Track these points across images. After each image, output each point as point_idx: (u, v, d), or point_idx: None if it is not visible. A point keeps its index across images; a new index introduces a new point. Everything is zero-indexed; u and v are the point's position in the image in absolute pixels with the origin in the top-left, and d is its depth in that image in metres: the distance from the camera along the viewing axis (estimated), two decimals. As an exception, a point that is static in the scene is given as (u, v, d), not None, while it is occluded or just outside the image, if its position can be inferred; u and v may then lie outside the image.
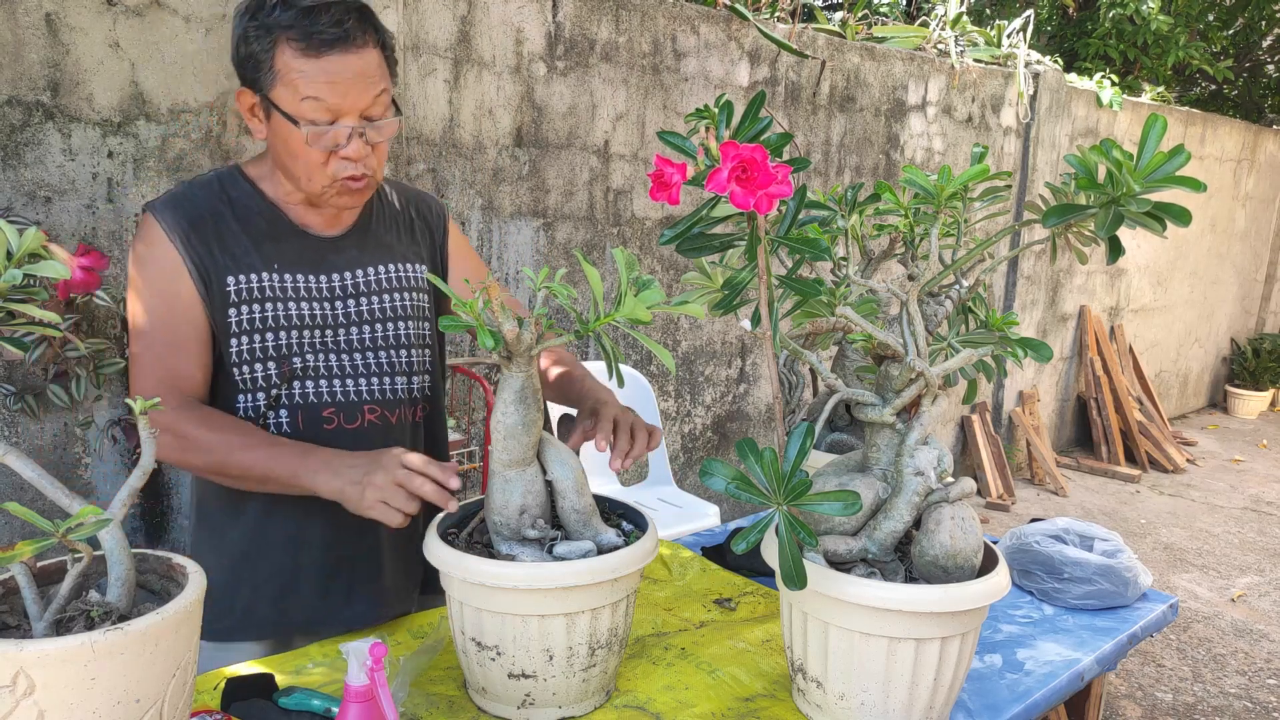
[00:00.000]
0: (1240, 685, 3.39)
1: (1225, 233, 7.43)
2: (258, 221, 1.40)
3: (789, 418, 1.80)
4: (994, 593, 1.18)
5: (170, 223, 1.34)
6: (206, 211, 1.37)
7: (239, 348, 1.37)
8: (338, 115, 1.29)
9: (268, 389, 1.39)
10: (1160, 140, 1.04)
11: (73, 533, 0.86)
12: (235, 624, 1.44)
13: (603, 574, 1.17)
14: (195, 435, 1.31)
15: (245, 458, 1.30)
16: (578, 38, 3.26)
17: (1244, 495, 5.61)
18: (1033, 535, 1.86)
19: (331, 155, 1.31)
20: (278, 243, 1.40)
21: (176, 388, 1.34)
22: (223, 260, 1.36)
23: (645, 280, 1.14)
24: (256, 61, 1.28)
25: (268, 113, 1.31)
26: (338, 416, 1.42)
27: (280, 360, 1.39)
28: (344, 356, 1.43)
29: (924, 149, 4.76)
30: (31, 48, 2.21)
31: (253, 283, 1.37)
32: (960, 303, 1.31)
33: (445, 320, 1.14)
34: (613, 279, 3.42)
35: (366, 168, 1.34)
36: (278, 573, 1.44)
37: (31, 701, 0.81)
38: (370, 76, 1.29)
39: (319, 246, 1.44)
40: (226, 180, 1.42)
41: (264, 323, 1.38)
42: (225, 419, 1.34)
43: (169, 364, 1.34)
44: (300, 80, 1.26)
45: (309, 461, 1.28)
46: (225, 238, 1.37)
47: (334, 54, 1.25)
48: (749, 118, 1.08)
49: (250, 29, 1.27)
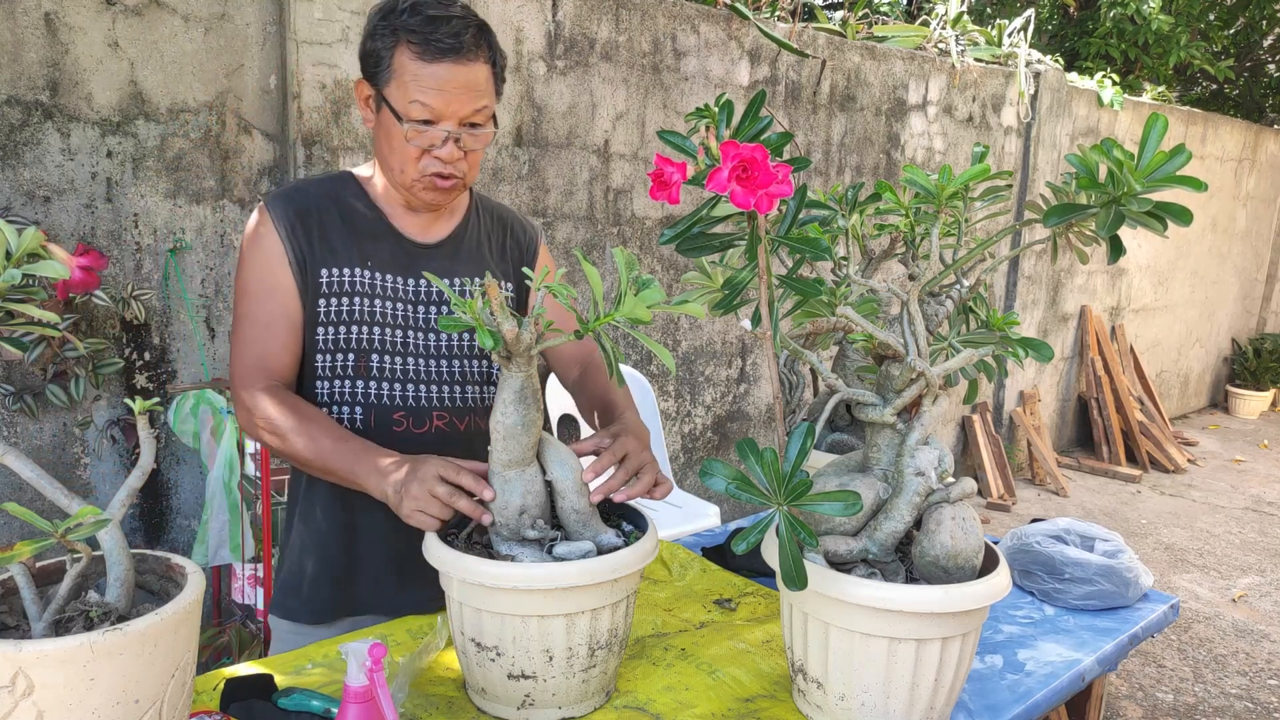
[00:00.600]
0: (1241, 686, 3.39)
1: (1226, 232, 7.42)
2: (359, 220, 1.49)
3: (789, 418, 1.80)
4: (995, 593, 1.18)
5: (279, 213, 1.45)
6: (314, 206, 1.47)
7: (324, 336, 1.46)
8: (439, 119, 1.37)
9: (344, 378, 1.46)
10: (1161, 140, 1.04)
11: (72, 533, 0.85)
12: (300, 604, 1.53)
13: (602, 574, 1.17)
14: (272, 417, 1.39)
15: (311, 446, 1.37)
16: (577, 37, 3.26)
17: (1245, 495, 5.60)
18: (1033, 535, 1.86)
19: (425, 153, 1.39)
20: (375, 242, 1.49)
21: (266, 369, 1.43)
22: (320, 252, 1.45)
23: (645, 280, 1.14)
24: (378, 57, 1.37)
25: (378, 106, 1.41)
26: (407, 420, 1.48)
27: (359, 354, 1.46)
28: (419, 361, 1.49)
29: (925, 148, 4.76)
30: (31, 47, 2.20)
31: (344, 276, 1.46)
32: (961, 302, 1.31)
33: (444, 320, 1.14)
34: (613, 279, 3.41)
35: (456, 170, 1.42)
36: (337, 559, 1.51)
37: (31, 702, 0.81)
38: (476, 89, 1.38)
39: (413, 251, 1.51)
40: (339, 180, 1.52)
41: (349, 315, 1.46)
42: (303, 407, 1.41)
43: (262, 346, 1.44)
44: (412, 82, 1.35)
45: (364, 463, 1.34)
46: (327, 231, 1.46)
47: (446, 62, 1.34)
48: (749, 117, 1.08)
49: (379, 27, 1.37)
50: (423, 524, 1.25)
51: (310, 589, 1.52)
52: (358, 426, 1.46)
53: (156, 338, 2.50)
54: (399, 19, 1.35)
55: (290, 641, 1.52)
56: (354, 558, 1.52)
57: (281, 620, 1.54)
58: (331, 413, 1.46)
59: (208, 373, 2.59)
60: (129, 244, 2.42)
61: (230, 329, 1.47)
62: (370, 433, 1.46)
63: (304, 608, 1.53)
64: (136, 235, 2.43)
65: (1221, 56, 8.16)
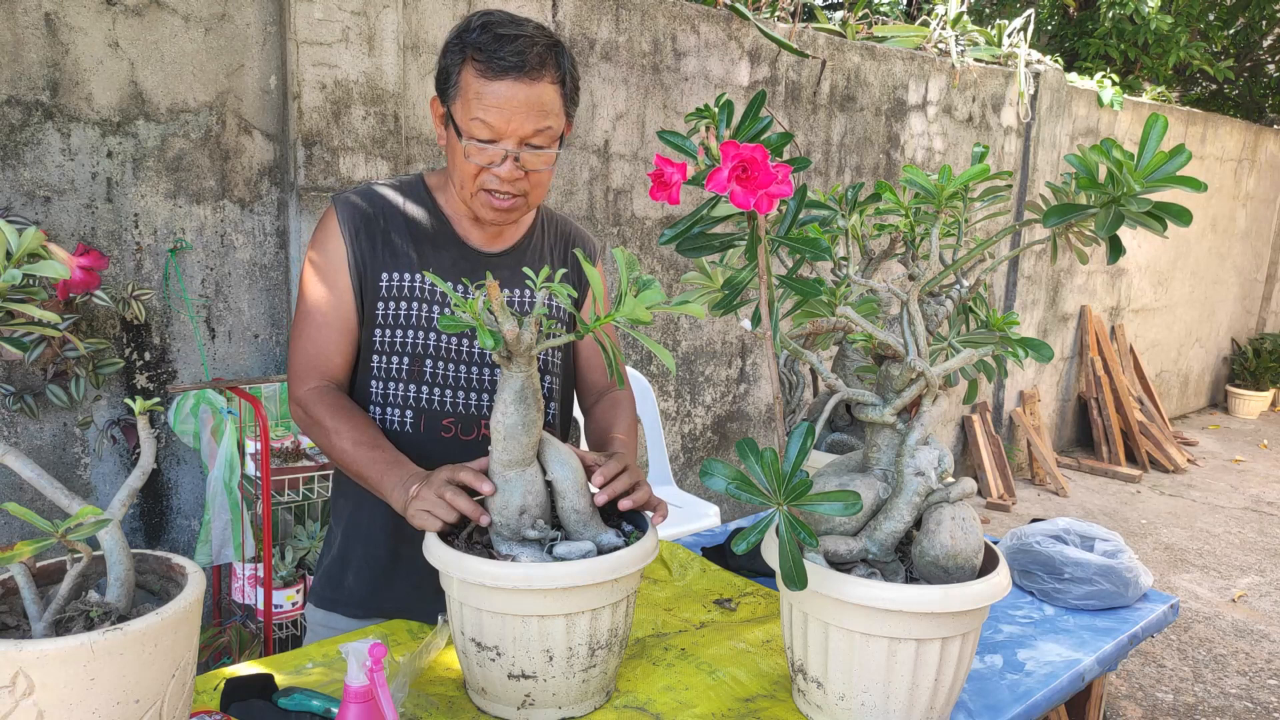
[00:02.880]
0: (1241, 685, 3.39)
1: (1226, 232, 7.43)
2: (424, 227, 1.50)
3: (789, 418, 1.80)
4: (994, 593, 1.18)
5: (345, 217, 1.47)
6: (381, 211, 1.49)
7: (381, 338, 1.48)
8: (499, 137, 1.36)
9: (397, 380, 1.48)
10: (1161, 140, 1.04)
11: (72, 533, 0.85)
12: (341, 597, 1.55)
13: (602, 574, 1.17)
14: (318, 417, 1.43)
15: (348, 453, 1.40)
16: (578, 37, 3.26)
17: (1245, 495, 5.60)
18: (1033, 535, 1.86)
19: (484, 170, 1.39)
20: (437, 249, 1.50)
21: (318, 368, 1.47)
22: (383, 256, 1.47)
23: (645, 280, 1.14)
24: (447, 74, 1.39)
25: (446, 120, 1.42)
26: (456, 427, 1.50)
27: (414, 358, 1.48)
28: (472, 369, 1.50)
29: (924, 149, 4.76)
30: (31, 47, 2.20)
31: (404, 281, 1.48)
32: (961, 302, 1.31)
33: (444, 320, 1.14)
34: (613, 279, 3.42)
35: (515, 189, 1.40)
36: (381, 558, 1.53)
37: (31, 702, 0.81)
38: (540, 108, 1.36)
39: (475, 259, 1.52)
40: (408, 186, 1.53)
41: (408, 320, 1.48)
42: (349, 410, 1.44)
43: (317, 345, 1.47)
44: (474, 100, 1.35)
45: (390, 476, 1.35)
46: (391, 235, 1.48)
47: (508, 80, 1.33)
48: (749, 117, 1.08)
49: (451, 44, 1.39)
50: (425, 524, 1.26)
51: (353, 582, 1.54)
52: (407, 430, 1.48)
53: (156, 338, 2.50)
54: (470, 36, 1.36)
55: (324, 633, 1.54)
56: (397, 558, 1.53)
57: (318, 610, 1.57)
58: (383, 414, 1.49)
59: (208, 373, 2.59)
60: (129, 244, 2.42)
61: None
62: (419, 436, 1.48)
63: (343, 600, 1.54)
64: (136, 235, 2.43)
65: (1221, 56, 8.16)
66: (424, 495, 1.26)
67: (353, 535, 1.55)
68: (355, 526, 1.55)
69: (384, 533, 1.52)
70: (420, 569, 1.50)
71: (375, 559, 1.53)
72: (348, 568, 1.55)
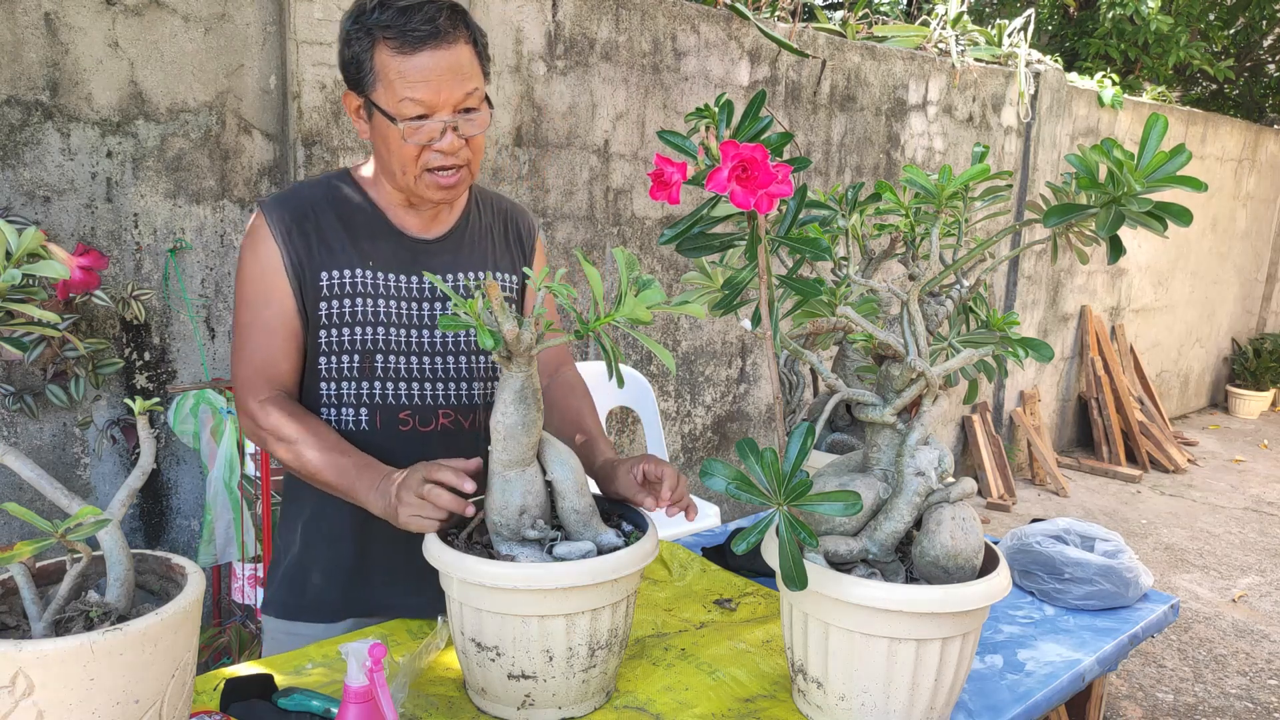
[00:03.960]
0: (1241, 686, 3.39)
1: (1226, 232, 7.42)
2: (358, 219, 1.46)
3: (789, 418, 1.80)
4: (995, 593, 1.18)
5: (275, 219, 1.42)
6: (310, 208, 1.44)
7: (326, 339, 1.44)
8: (432, 110, 1.33)
9: (348, 379, 1.45)
10: (1161, 140, 1.04)
11: (72, 533, 0.85)
12: (306, 604, 1.51)
13: (602, 575, 1.17)
14: (276, 428, 1.39)
15: (313, 462, 1.37)
16: (577, 37, 3.26)
17: (1245, 495, 5.60)
18: (1033, 536, 1.86)
19: (425, 149, 1.36)
20: (375, 241, 1.46)
21: (268, 376, 1.43)
22: (320, 255, 1.43)
23: (645, 280, 1.14)
24: (358, 63, 1.34)
25: (370, 113, 1.37)
26: (413, 419, 1.47)
27: (363, 355, 1.45)
28: (424, 359, 1.48)
29: (925, 148, 4.76)
30: (31, 47, 2.20)
31: (345, 278, 1.44)
32: (961, 302, 1.31)
33: (444, 320, 1.14)
34: (613, 279, 3.41)
35: (459, 159, 1.39)
36: (348, 559, 1.50)
37: (31, 702, 0.81)
38: (463, 72, 1.34)
39: (414, 248, 1.49)
40: (335, 180, 1.49)
41: (352, 317, 1.44)
42: (306, 419, 1.40)
43: (263, 354, 1.43)
44: (397, 79, 1.31)
45: (362, 481, 1.34)
46: (325, 233, 1.44)
47: (427, 50, 1.30)
48: (749, 117, 1.08)
49: (352, 32, 1.34)
50: (422, 527, 1.25)
51: (319, 588, 1.51)
52: (363, 428, 1.45)
53: (156, 338, 2.50)
54: (371, 18, 1.32)
55: (286, 642, 1.50)
56: (368, 556, 1.50)
57: (278, 620, 1.53)
58: (337, 415, 1.46)
59: (208, 373, 2.59)
60: (129, 244, 2.42)
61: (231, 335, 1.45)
62: (377, 433, 1.45)
63: (308, 607, 1.51)
64: (136, 235, 2.43)
65: (1221, 56, 8.16)
66: (406, 500, 1.25)
67: (314, 539, 1.51)
68: (316, 530, 1.51)
69: (350, 533, 1.49)
70: (392, 566, 1.50)
71: (342, 561, 1.50)
72: (310, 573, 1.51)
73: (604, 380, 3.33)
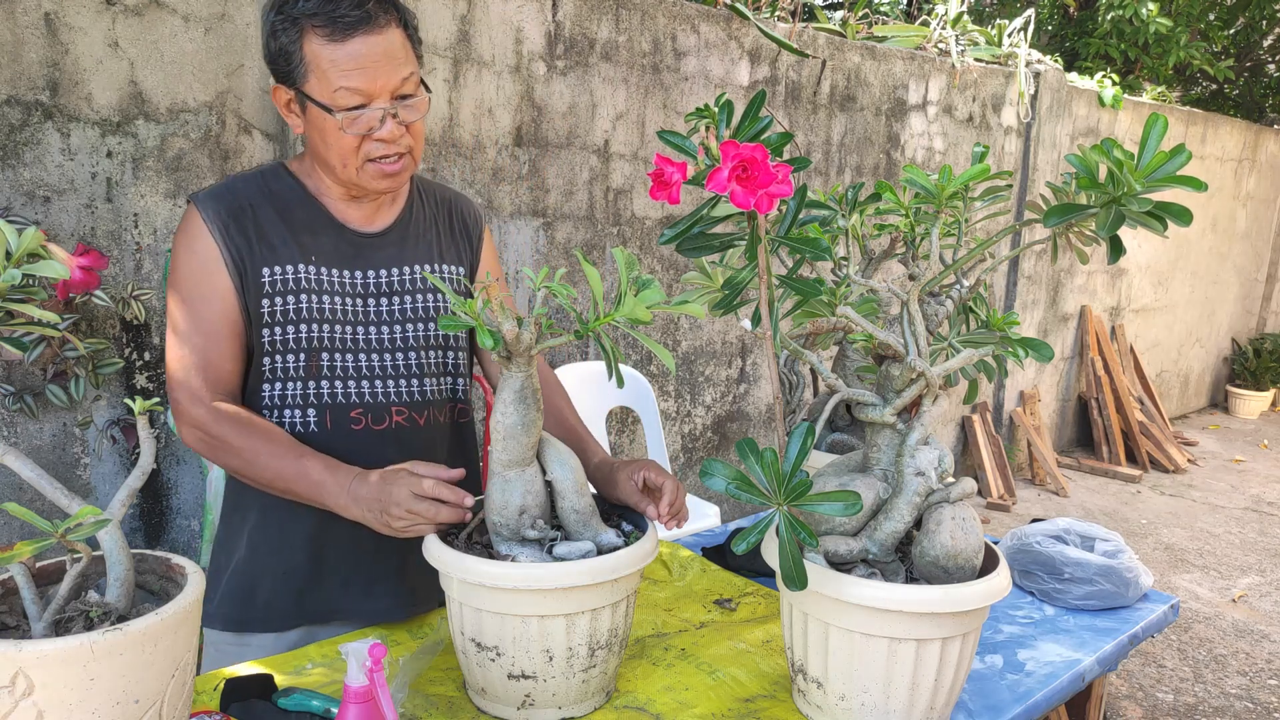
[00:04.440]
0: (1241, 686, 3.39)
1: (1226, 232, 7.42)
2: (298, 213, 1.41)
3: (789, 418, 1.80)
4: (995, 593, 1.18)
5: (211, 214, 1.36)
6: (247, 202, 1.39)
7: (270, 338, 1.39)
8: (369, 98, 1.30)
9: (294, 379, 1.40)
10: (1161, 140, 1.04)
11: (72, 533, 0.85)
12: (255, 615, 1.45)
13: (602, 574, 1.17)
14: (225, 437, 1.33)
15: (271, 468, 1.33)
16: (577, 37, 3.26)
17: (1245, 495, 5.60)
18: (1033, 535, 1.86)
19: (365, 139, 1.32)
20: (316, 236, 1.41)
21: (211, 381, 1.36)
22: (260, 251, 1.38)
23: (645, 280, 1.14)
24: (287, 55, 1.30)
25: (303, 106, 1.33)
26: (365, 417, 1.43)
27: (310, 353, 1.40)
28: (374, 356, 1.44)
29: (925, 148, 4.76)
30: (31, 47, 2.20)
31: (288, 274, 1.39)
32: (961, 302, 1.31)
33: (445, 320, 1.14)
34: (613, 279, 3.41)
35: (401, 147, 1.35)
36: (301, 565, 1.45)
37: (31, 702, 0.81)
38: (396, 56, 1.30)
39: (357, 242, 1.45)
40: (270, 174, 1.44)
41: (297, 314, 1.39)
42: (256, 424, 1.35)
43: (206, 357, 1.36)
44: (330, 68, 1.27)
45: (329, 484, 1.30)
46: (264, 228, 1.38)
47: (358, 36, 1.26)
48: (749, 117, 1.08)
49: (277, 23, 1.29)
50: (420, 533, 1.25)
51: (269, 596, 1.45)
52: (313, 429, 1.40)
53: (156, 338, 2.50)
54: (296, 7, 1.27)
55: (233, 654, 1.44)
56: (321, 562, 1.46)
57: (223, 633, 1.46)
58: (283, 416, 1.41)
59: (208, 373, 2.59)
60: (129, 244, 2.42)
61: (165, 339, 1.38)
62: (328, 434, 1.41)
63: (258, 617, 1.45)
64: (136, 235, 2.43)
65: (1221, 56, 8.16)
66: (399, 515, 1.23)
67: (261, 549, 1.45)
68: (263, 539, 1.45)
69: (302, 539, 1.44)
70: (346, 570, 1.46)
71: (294, 568, 1.44)
72: (259, 583, 1.45)
73: (604, 380, 3.34)
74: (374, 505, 1.26)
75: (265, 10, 1.32)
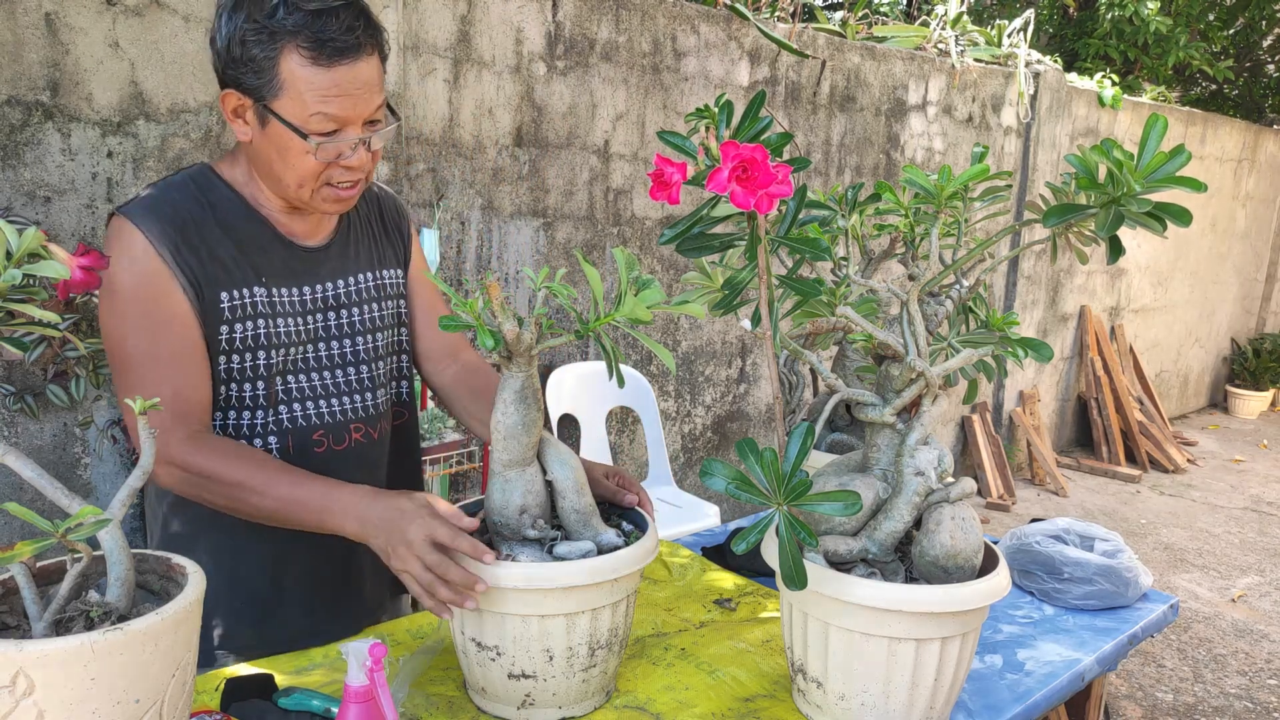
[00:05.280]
0: (1241, 685, 3.39)
1: (1226, 233, 7.43)
2: (243, 229, 1.33)
3: (789, 418, 1.80)
4: (994, 593, 1.18)
5: (156, 233, 1.25)
6: (189, 217, 1.29)
7: (228, 365, 1.32)
8: (344, 125, 1.24)
9: (253, 408, 1.35)
10: (1161, 140, 1.04)
11: (72, 533, 0.85)
12: (211, 648, 1.39)
13: (603, 574, 1.17)
14: (213, 472, 1.25)
15: (265, 501, 1.24)
16: (578, 37, 3.26)
17: (1244, 495, 5.60)
18: (1033, 535, 1.86)
19: (330, 165, 1.26)
20: (265, 254, 1.35)
21: (183, 412, 1.27)
22: (214, 271, 1.29)
23: (645, 280, 1.14)
24: (257, 67, 1.20)
25: (263, 119, 1.23)
26: (327, 439, 1.40)
27: (268, 380, 1.35)
28: (326, 374, 1.41)
29: (924, 149, 4.76)
30: (31, 47, 2.20)
31: (245, 299, 1.32)
32: (960, 302, 1.31)
33: (445, 320, 1.14)
34: (613, 279, 3.41)
35: (363, 173, 1.31)
36: (260, 594, 1.41)
37: (31, 702, 0.81)
38: (374, 85, 1.25)
39: (304, 257, 1.39)
40: (201, 181, 1.33)
41: (255, 340, 1.33)
42: (239, 453, 1.27)
43: (174, 387, 1.26)
44: (308, 91, 1.19)
45: (333, 505, 1.22)
46: (213, 246, 1.30)
47: (345, 64, 1.20)
48: (749, 117, 1.08)
49: (248, 31, 1.18)
50: (406, 584, 1.17)
51: (229, 629, 1.39)
52: (274, 457, 1.34)
53: (156, 338, 2.50)
54: (274, 19, 1.17)
55: None
56: (281, 590, 1.41)
57: None
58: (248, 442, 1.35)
59: (208, 373, 2.59)
60: (129, 244, 2.42)
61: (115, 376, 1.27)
62: (290, 460, 1.34)
63: (214, 650, 1.38)
64: (136, 235, 2.43)
65: (1221, 57, 8.16)
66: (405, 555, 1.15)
67: (220, 580, 1.33)
68: (220, 571, 1.34)
69: (263, 570, 1.39)
70: (309, 595, 1.42)
71: (255, 598, 1.40)
72: (216, 615, 1.38)
73: (604, 380, 3.34)
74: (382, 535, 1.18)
75: (225, 10, 1.21)
